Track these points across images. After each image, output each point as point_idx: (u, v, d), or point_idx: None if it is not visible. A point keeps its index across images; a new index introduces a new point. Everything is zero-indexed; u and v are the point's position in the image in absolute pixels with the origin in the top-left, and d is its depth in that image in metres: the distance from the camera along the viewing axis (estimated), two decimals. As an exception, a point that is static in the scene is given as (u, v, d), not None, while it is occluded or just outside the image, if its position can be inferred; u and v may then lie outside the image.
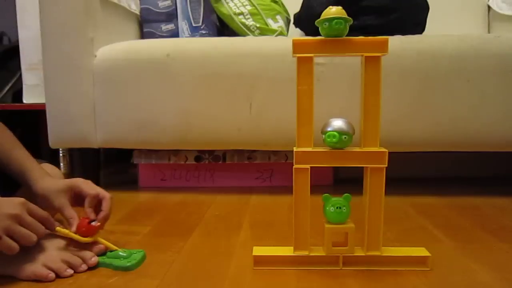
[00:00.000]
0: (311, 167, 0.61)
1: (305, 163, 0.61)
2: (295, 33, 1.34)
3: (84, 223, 0.65)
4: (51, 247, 0.63)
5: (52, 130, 1.11)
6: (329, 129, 0.60)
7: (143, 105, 1.06)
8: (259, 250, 0.64)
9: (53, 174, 0.76)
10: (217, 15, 1.30)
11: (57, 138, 1.12)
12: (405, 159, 1.16)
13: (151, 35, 1.38)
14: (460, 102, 0.99)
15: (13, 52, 1.50)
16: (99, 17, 1.11)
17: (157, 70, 1.04)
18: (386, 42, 0.59)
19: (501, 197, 1.04)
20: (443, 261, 0.65)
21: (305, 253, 0.63)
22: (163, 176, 1.23)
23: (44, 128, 1.13)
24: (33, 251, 0.60)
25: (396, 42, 0.99)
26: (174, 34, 1.39)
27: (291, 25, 1.33)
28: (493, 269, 0.62)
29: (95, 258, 0.63)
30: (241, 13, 1.25)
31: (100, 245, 0.66)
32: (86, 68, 1.07)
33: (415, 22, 1.19)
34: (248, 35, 1.25)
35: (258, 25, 1.25)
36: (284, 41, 1.03)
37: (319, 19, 0.59)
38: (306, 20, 1.24)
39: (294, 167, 0.61)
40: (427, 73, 0.99)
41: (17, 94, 1.51)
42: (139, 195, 1.15)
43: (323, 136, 0.61)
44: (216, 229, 0.83)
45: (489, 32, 1.47)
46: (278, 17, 1.28)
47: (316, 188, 0.64)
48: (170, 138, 1.07)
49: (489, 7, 1.46)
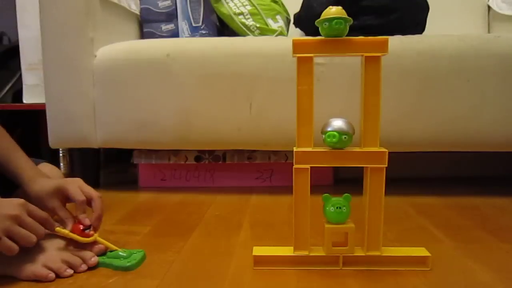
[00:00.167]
0: (311, 167, 0.61)
1: (305, 163, 0.61)
2: (295, 33, 1.34)
3: (78, 230, 0.64)
4: (51, 247, 0.63)
5: (52, 130, 1.11)
6: (329, 129, 0.60)
7: (143, 105, 1.06)
8: (259, 250, 0.64)
9: (53, 174, 0.76)
10: (217, 15, 1.30)
11: (57, 138, 1.12)
12: (405, 159, 1.16)
13: (151, 35, 1.38)
14: (460, 102, 0.99)
15: (13, 52, 1.50)
16: (99, 17, 1.11)
17: (157, 70, 1.04)
18: (386, 42, 0.59)
19: (501, 197, 1.04)
20: (443, 261, 0.65)
21: (305, 253, 0.63)
22: (163, 176, 1.23)
23: (44, 128, 1.13)
24: (33, 251, 0.60)
25: (396, 42, 0.99)
26: (174, 34, 1.39)
27: (291, 25, 1.33)
28: (493, 269, 0.62)
29: (95, 258, 0.63)
30: (241, 13, 1.25)
31: (100, 245, 0.65)
32: (86, 68, 1.07)
33: (415, 22, 1.19)
34: (248, 35, 1.25)
35: (258, 25, 1.25)
36: (284, 41, 1.03)
37: (319, 19, 0.59)
38: (306, 20, 1.24)
39: (294, 167, 0.61)
40: (427, 73, 0.99)
41: (17, 94, 1.51)
42: (139, 195, 1.15)
43: (323, 136, 0.61)
44: (216, 229, 0.83)
45: (489, 32, 1.47)
46: (278, 17, 1.28)
47: (316, 188, 0.64)
48: (170, 138, 1.07)
49: (489, 7, 1.46)
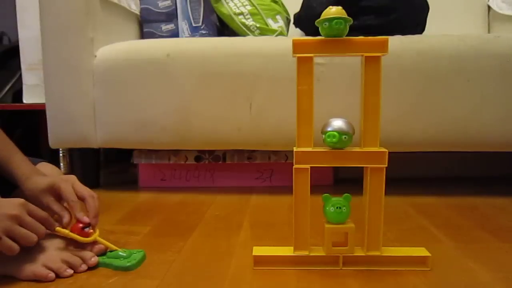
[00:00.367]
0: (311, 167, 0.61)
1: (305, 163, 0.61)
2: (295, 33, 1.33)
3: (77, 229, 0.64)
4: (51, 247, 0.63)
5: (52, 130, 1.11)
6: (329, 129, 0.60)
7: (143, 105, 1.06)
8: (259, 250, 0.64)
9: (52, 174, 0.76)
10: (217, 15, 1.30)
11: (57, 138, 1.12)
12: (405, 159, 1.16)
13: (151, 35, 1.38)
14: (460, 102, 0.99)
15: (13, 52, 1.50)
16: (99, 17, 1.11)
17: (157, 70, 1.04)
18: (386, 42, 0.59)
19: (501, 197, 1.04)
20: (443, 261, 0.65)
21: (305, 253, 0.63)
22: (163, 176, 1.23)
23: (44, 128, 1.13)
24: (33, 251, 0.60)
25: (396, 42, 0.99)
26: (174, 34, 1.39)
27: (291, 25, 1.33)
28: (493, 269, 0.62)
29: (95, 258, 0.63)
30: (241, 13, 1.25)
31: (100, 245, 0.65)
32: (86, 68, 1.07)
33: (415, 22, 1.19)
34: (248, 35, 1.25)
35: (258, 25, 1.25)
36: (284, 41, 1.03)
37: (319, 19, 0.59)
38: (306, 20, 1.24)
39: (294, 167, 0.61)
40: (427, 73, 0.99)
41: (17, 94, 1.51)
42: (139, 195, 1.15)
43: (323, 136, 0.61)
44: (216, 229, 0.83)
45: (489, 32, 1.47)
46: (278, 17, 1.28)
47: (316, 188, 0.64)
48: (170, 138, 1.07)
49: (489, 7, 1.46)
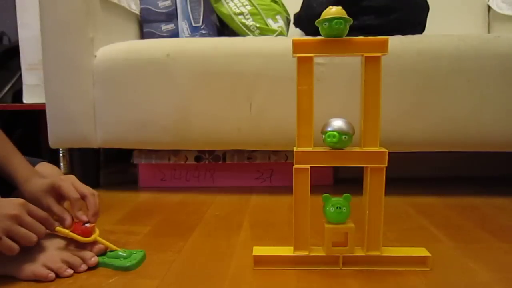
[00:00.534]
0: (311, 167, 0.61)
1: (305, 163, 0.61)
2: (295, 33, 1.33)
3: (78, 227, 0.64)
4: (51, 247, 0.63)
5: (52, 130, 1.11)
6: (329, 129, 0.60)
7: (143, 105, 1.06)
8: (259, 250, 0.64)
9: (52, 174, 0.76)
10: (217, 15, 1.30)
11: (57, 138, 1.12)
12: (405, 159, 1.16)
13: (151, 35, 1.38)
14: (460, 102, 0.99)
15: (13, 52, 1.50)
16: (99, 17, 1.11)
17: (157, 70, 1.04)
18: (386, 42, 0.59)
19: (501, 197, 1.04)
20: (443, 261, 0.65)
21: (305, 253, 0.63)
22: (163, 176, 1.23)
23: (44, 128, 1.13)
24: (33, 251, 0.60)
25: (396, 42, 0.99)
26: (174, 34, 1.39)
27: (291, 25, 1.33)
28: (493, 269, 0.62)
29: (95, 258, 0.63)
30: (241, 13, 1.25)
31: (100, 245, 0.65)
32: (86, 68, 1.07)
33: (415, 22, 1.19)
34: (248, 35, 1.25)
35: (258, 25, 1.25)
36: (284, 41, 1.03)
37: (319, 19, 0.59)
38: (306, 20, 1.24)
39: (294, 167, 0.61)
40: (427, 73, 0.99)
41: (17, 94, 1.51)
42: (139, 195, 1.15)
43: (323, 136, 0.61)
44: (216, 229, 0.83)
45: (489, 32, 1.47)
46: (278, 17, 1.28)
47: (316, 188, 0.64)
48: (170, 138, 1.07)
49: (489, 7, 1.46)
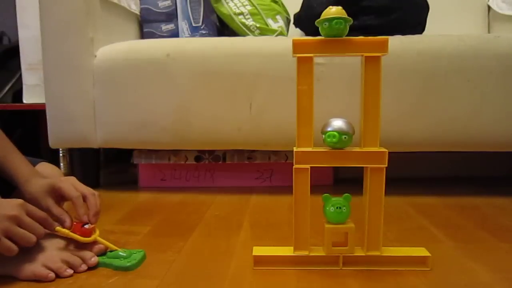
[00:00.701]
0: (311, 167, 0.61)
1: (305, 163, 0.61)
2: (295, 33, 1.33)
3: (78, 227, 0.64)
4: (50, 247, 0.63)
5: (52, 130, 1.11)
6: (329, 129, 0.60)
7: (143, 105, 1.06)
8: (259, 250, 0.64)
9: (53, 174, 0.76)
10: (217, 15, 1.30)
11: (57, 138, 1.12)
12: (405, 159, 1.16)
13: (151, 35, 1.38)
14: (460, 102, 0.99)
15: (13, 52, 1.50)
16: (99, 17, 1.11)
17: (157, 70, 1.04)
18: (386, 42, 0.59)
19: (501, 197, 1.04)
20: (443, 261, 0.65)
21: (305, 253, 0.63)
22: (163, 176, 1.23)
23: (44, 128, 1.13)
24: (32, 251, 0.60)
25: (396, 42, 0.99)
26: (174, 34, 1.39)
27: (291, 25, 1.33)
28: (493, 269, 0.62)
29: (95, 258, 0.63)
30: (241, 13, 1.25)
31: (100, 245, 0.65)
32: (86, 68, 1.07)
33: (415, 22, 1.19)
34: (248, 35, 1.25)
35: (258, 25, 1.25)
36: (284, 41, 1.03)
37: (319, 19, 0.59)
38: (306, 20, 1.24)
39: (294, 167, 0.61)
40: (427, 73, 0.99)
41: (17, 94, 1.51)
42: (139, 195, 1.15)
43: (323, 136, 0.61)
44: (216, 229, 0.83)
45: (489, 32, 1.47)
46: (278, 17, 1.28)
47: (316, 188, 0.64)
48: (170, 138, 1.07)
49: (489, 7, 1.46)
